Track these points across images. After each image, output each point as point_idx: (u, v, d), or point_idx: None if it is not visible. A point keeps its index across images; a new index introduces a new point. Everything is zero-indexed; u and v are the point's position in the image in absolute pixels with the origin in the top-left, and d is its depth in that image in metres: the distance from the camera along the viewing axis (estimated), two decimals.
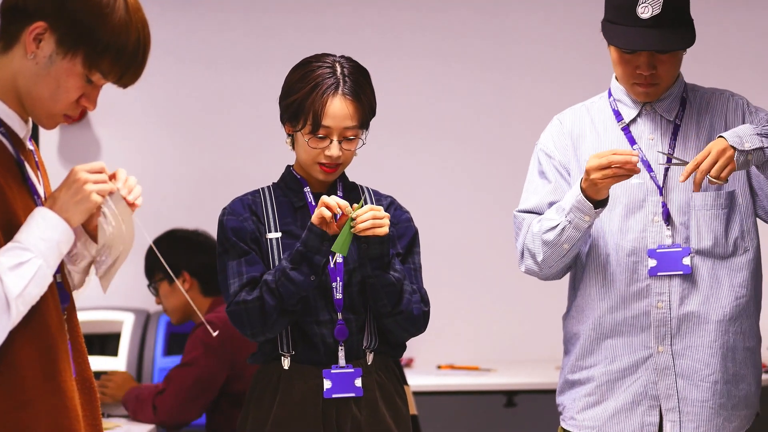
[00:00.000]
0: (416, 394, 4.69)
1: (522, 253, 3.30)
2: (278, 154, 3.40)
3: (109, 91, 2.35)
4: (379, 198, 3.21)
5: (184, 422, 4.25)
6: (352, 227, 2.96)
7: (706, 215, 3.21)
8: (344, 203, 2.98)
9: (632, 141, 3.28)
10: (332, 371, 3.06)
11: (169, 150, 5.90)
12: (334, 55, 3.14)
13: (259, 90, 5.83)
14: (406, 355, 5.56)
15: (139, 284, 4.51)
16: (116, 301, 5.25)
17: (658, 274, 3.19)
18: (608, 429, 3.24)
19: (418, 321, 3.11)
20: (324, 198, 2.98)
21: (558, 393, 3.37)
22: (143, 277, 4.54)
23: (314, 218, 2.98)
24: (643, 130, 3.29)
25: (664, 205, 3.22)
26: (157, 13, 5.61)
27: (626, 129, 3.29)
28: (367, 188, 3.25)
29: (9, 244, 2.17)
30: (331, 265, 3.08)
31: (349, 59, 3.14)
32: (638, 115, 3.29)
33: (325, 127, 3.06)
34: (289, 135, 3.16)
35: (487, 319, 5.87)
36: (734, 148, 3.04)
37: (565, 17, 5.86)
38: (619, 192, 3.21)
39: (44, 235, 2.19)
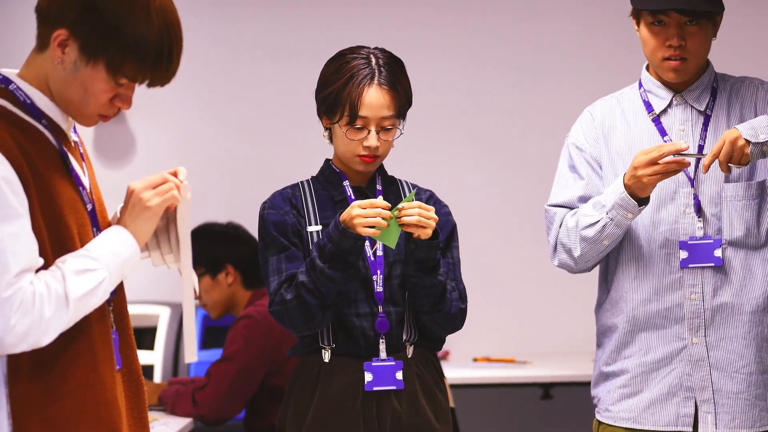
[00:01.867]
0: (452, 386, 4.68)
1: (555, 248, 3.29)
2: (316, 146, 3.39)
3: (142, 85, 2.33)
4: (418, 192, 3.20)
5: (225, 417, 4.25)
6: (398, 218, 2.94)
7: (737, 206, 3.20)
8: (382, 202, 2.96)
9: (663, 132, 3.26)
10: (373, 364, 3.05)
11: (203, 144, 5.91)
12: (369, 47, 3.13)
13: (296, 82, 5.82)
14: (442, 348, 5.56)
15: (174, 278, 4.50)
16: (152, 294, 5.28)
17: (690, 266, 3.18)
18: (643, 420, 3.22)
19: (455, 319, 3.10)
20: (369, 216, 2.93)
21: (593, 385, 3.35)
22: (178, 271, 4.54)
23: (359, 231, 2.93)
24: (674, 120, 3.27)
25: (696, 196, 3.21)
26: (192, 5, 5.63)
27: (657, 120, 3.27)
28: (407, 182, 3.23)
29: (80, 251, 2.20)
30: (372, 258, 3.08)
31: (383, 50, 3.13)
32: (669, 105, 3.27)
33: (363, 117, 3.04)
34: (326, 128, 3.15)
35: (522, 312, 5.86)
36: (748, 141, 3.03)
37: (594, 20, 5.84)
38: None
39: (114, 251, 2.23)
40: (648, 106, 3.29)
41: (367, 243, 3.04)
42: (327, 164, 3.19)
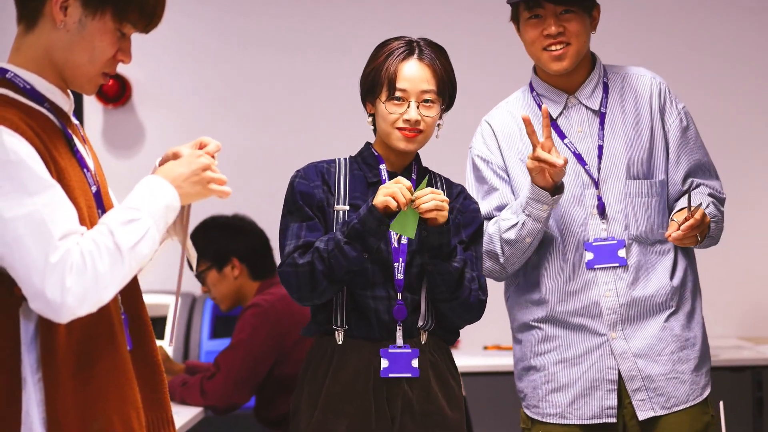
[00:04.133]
0: (463, 374, 4.65)
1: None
2: (325, 138, 3.39)
3: (152, 74, 2.34)
4: (450, 186, 3.21)
5: (234, 405, 4.26)
6: (414, 208, 2.95)
7: (640, 202, 3.29)
8: (408, 183, 2.97)
9: (562, 135, 3.32)
10: (389, 350, 3.06)
11: (212, 133, 5.87)
12: (412, 37, 3.16)
13: (305, 74, 5.83)
14: (455, 342, 5.55)
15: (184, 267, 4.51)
16: (162, 284, 5.27)
17: (595, 267, 3.28)
18: (569, 415, 3.31)
19: (474, 309, 3.11)
20: (392, 188, 2.95)
21: (517, 378, 3.43)
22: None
23: (378, 202, 2.96)
24: (571, 122, 3.34)
25: (599, 198, 3.29)
26: None
27: (554, 124, 3.32)
28: (439, 175, 3.24)
29: (120, 205, 2.20)
30: (395, 245, 3.08)
31: (426, 38, 3.15)
32: (564, 108, 3.33)
33: (402, 89, 3.05)
34: (369, 114, 3.15)
35: None
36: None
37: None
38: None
39: (155, 199, 2.22)
40: None
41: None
42: (367, 146, 3.19)
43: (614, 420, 3.27)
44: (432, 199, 2.95)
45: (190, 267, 4.13)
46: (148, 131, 5.90)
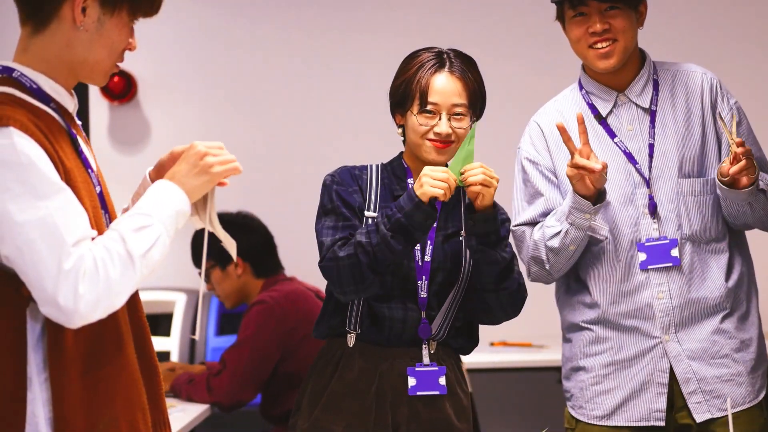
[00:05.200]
0: (469, 370, 4.66)
1: (528, 264, 3.32)
2: (329, 136, 3.38)
3: (157, 71, 2.34)
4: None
5: (240, 402, 4.26)
6: (462, 182, 2.94)
7: (693, 201, 3.24)
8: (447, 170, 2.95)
9: (612, 134, 3.28)
10: (416, 369, 3.07)
11: (217, 129, 5.90)
12: (442, 48, 3.14)
13: (311, 72, 5.83)
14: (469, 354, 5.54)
15: (189, 264, 4.51)
16: (168, 281, 5.28)
17: (648, 267, 3.23)
18: (616, 417, 3.27)
19: (518, 303, 3.12)
20: (440, 175, 2.91)
21: (564, 378, 3.39)
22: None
23: (424, 193, 2.92)
24: (621, 121, 3.29)
25: (651, 197, 3.24)
26: None
27: (603, 122, 3.28)
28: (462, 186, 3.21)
29: (131, 211, 2.21)
30: (419, 263, 3.07)
31: (455, 50, 3.13)
32: (614, 106, 3.29)
33: (433, 103, 3.04)
34: (399, 126, 3.14)
35: (539, 296, 5.81)
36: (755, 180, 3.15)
37: None
38: (609, 187, 3.22)
39: (164, 203, 2.23)
40: (592, 109, 3.30)
41: (418, 247, 3.05)
42: (398, 157, 3.18)
43: (662, 423, 3.22)
44: (481, 172, 2.94)
45: (224, 258, 4.13)
46: (154, 128, 5.90)
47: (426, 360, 3.07)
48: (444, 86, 3.05)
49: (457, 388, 3.14)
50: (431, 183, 2.91)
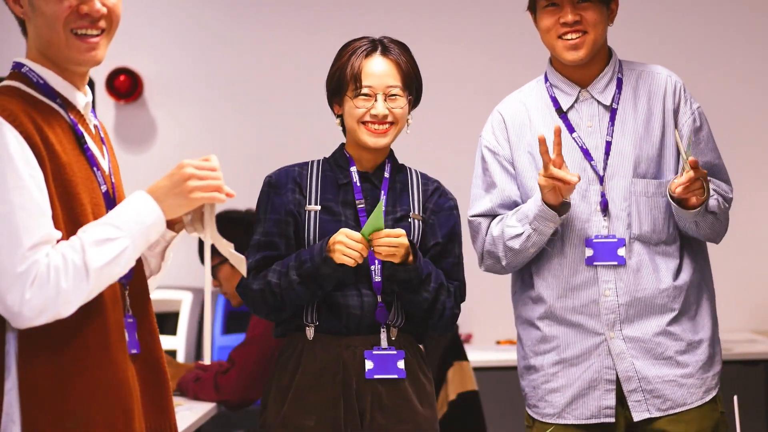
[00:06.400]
0: (475, 369, 4.67)
1: (482, 256, 3.33)
2: (337, 133, 3.38)
3: (163, 70, 2.34)
4: (426, 182, 3.21)
5: (248, 401, 4.25)
6: (371, 248, 2.97)
7: (646, 202, 3.24)
8: (359, 237, 2.97)
9: (571, 129, 3.28)
10: (374, 352, 3.08)
11: (223, 128, 5.90)
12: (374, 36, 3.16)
13: (316, 69, 5.80)
14: (465, 331, 5.54)
15: (196, 263, 4.51)
16: (174, 280, 5.27)
17: (595, 264, 3.23)
18: (567, 415, 3.28)
19: (447, 323, 3.15)
20: (346, 248, 2.95)
21: (520, 377, 3.41)
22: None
23: (336, 257, 2.97)
24: (581, 116, 3.29)
25: (603, 195, 3.24)
26: None
27: (564, 117, 3.29)
28: (416, 171, 3.24)
29: (102, 219, 2.20)
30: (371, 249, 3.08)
31: (388, 37, 3.16)
32: (575, 101, 3.29)
33: (368, 86, 3.07)
34: (337, 116, 3.16)
35: None
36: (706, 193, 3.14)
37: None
38: None
39: (138, 218, 2.21)
40: (554, 102, 3.31)
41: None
42: (340, 148, 3.21)
43: (612, 420, 3.24)
44: (384, 244, 2.96)
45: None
46: (160, 127, 5.91)
47: (384, 344, 3.08)
48: (377, 69, 3.08)
49: (419, 374, 3.15)
50: (344, 251, 2.96)
